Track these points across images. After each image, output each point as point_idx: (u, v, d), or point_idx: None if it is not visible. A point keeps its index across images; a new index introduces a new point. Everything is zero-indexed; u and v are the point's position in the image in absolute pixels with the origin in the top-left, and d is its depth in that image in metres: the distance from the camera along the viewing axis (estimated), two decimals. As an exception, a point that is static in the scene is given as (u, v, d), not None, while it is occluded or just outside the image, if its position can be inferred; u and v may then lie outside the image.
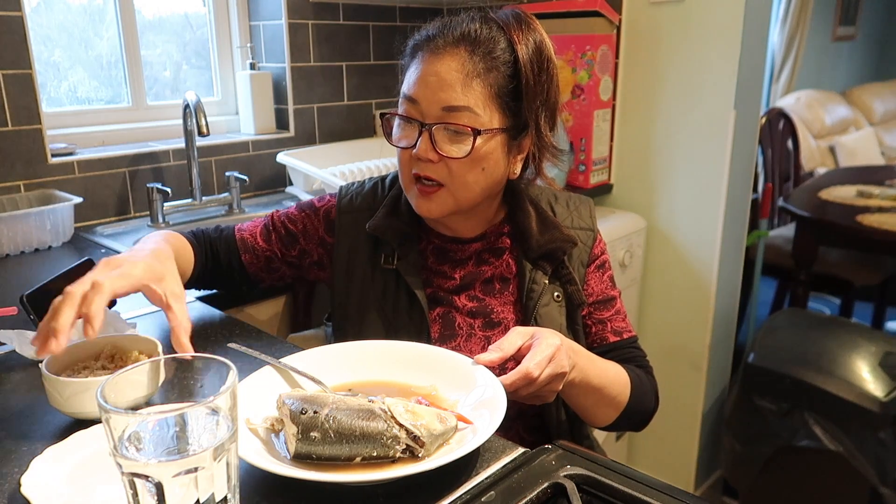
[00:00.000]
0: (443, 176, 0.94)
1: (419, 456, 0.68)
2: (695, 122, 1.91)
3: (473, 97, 0.91)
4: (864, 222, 2.30)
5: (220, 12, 1.99)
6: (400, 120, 0.97)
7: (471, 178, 0.94)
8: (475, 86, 0.91)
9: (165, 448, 0.51)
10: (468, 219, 1.03)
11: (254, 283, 1.11)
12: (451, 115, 0.91)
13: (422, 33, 0.97)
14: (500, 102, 0.93)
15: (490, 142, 0.94)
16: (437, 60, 0.92)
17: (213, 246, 1.07)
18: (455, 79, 0.91)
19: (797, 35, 4.30)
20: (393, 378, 0.84)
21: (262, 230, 1.09)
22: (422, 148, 0.93)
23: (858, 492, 1.76)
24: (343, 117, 2.12)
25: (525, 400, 0.88)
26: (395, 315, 1.01)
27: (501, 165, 0.97)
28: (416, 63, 0.95)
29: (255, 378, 0.79)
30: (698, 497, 0.73)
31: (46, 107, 1.67)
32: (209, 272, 1.07)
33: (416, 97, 0.93)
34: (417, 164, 0.95)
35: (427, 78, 0.92)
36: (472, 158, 0.93)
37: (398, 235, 1.02)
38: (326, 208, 1.09)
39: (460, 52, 0.92)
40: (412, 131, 0.95)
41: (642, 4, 1.92)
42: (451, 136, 0.92)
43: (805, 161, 3.94)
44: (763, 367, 1.91)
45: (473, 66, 0.91)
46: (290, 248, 1.08)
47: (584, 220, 1.09)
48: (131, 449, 0.49)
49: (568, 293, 1.04)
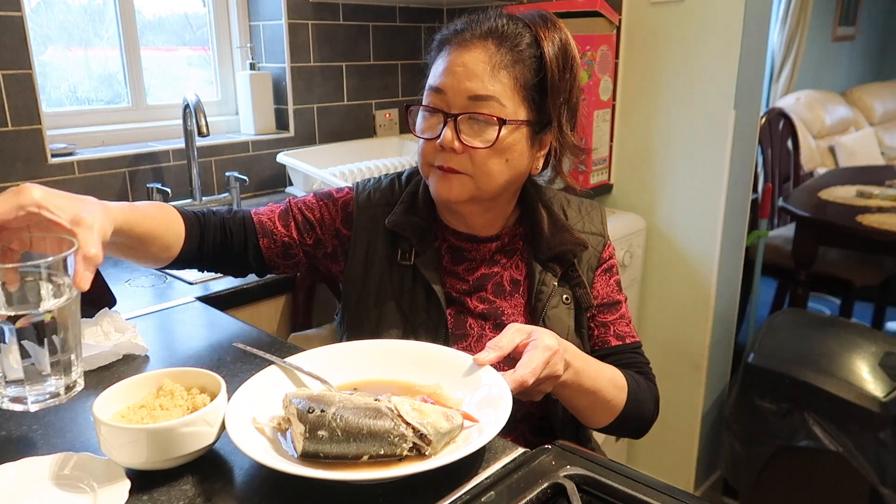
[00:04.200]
0: (466, 167, 0.94)
1: (426, 454, 0.68)
2: (695, 122, 1.91)
3: (500, 87, 0.92)
4: (864, 222, 2.31)
5: (220, 12, 1.99)
6: (424, 112, 0.97)
7: (495, 169, 0.95)
8: (502, 77, 0.92)
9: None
10: (486, 212, 1.03)
11: (265, 270, 1.07)
12: (477, 104, 0.92)
13: (449, 28, 0.98)
14: (525, 95, 0.94)
15: (514, 133, 0.94)
16: (465, 52, 0.93)
17: (224, 225, 1.02)
18: (482, 69, 0.92)
19: (797, 35, 4.30)
20: (398, 377, 0.84)
21: (281, 215, 1.06)
22: (447, 138, 0.93)
23: (858, 492, 1.76)
24: (343, 117, 2.12)
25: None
26: (413, 311, 1.01)
27: (525, 158, 0.98)
28: (443, 56, 0.96)
29: (260, 377, 0.79)
30: (698, 497, 0.73)
31: (46, 107, 1.67)
32: (216, 252, 1.01)
33: (442, 87, 0.94)
34: (441, 155, 0.95)
35: (454, 68, 0.93)
36: (496, 149, 0.93)
37: (417, 231, 1.02)
38: (345, 200, 1.08)
39: (488, 45, 0.93)
40: (436, 122, 0.95)
41: (642, 4, 1.92)
42: (476, 126, 0.93)
43: (805, 161, 3.94)
44: (763, 367, 1.91)
45: (500, 58, 0.92)
46: (307, 236, 1.06)
47: (595, 226, 1.09)
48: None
49: (577, 296, 1.04)
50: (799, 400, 1.83)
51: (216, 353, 0.97)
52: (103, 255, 0.72)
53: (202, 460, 0.71)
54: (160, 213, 0.94)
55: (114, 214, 0.80)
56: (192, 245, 0.98)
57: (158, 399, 0.73)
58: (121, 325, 0.98)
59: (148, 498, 0.65)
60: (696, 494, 1.99)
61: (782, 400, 1.86)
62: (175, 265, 0.98)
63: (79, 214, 0.72)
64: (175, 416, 0.70)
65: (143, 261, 0.96)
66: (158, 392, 0.74)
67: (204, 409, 0.69)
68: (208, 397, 0.73)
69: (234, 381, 0.79)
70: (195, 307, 1.15)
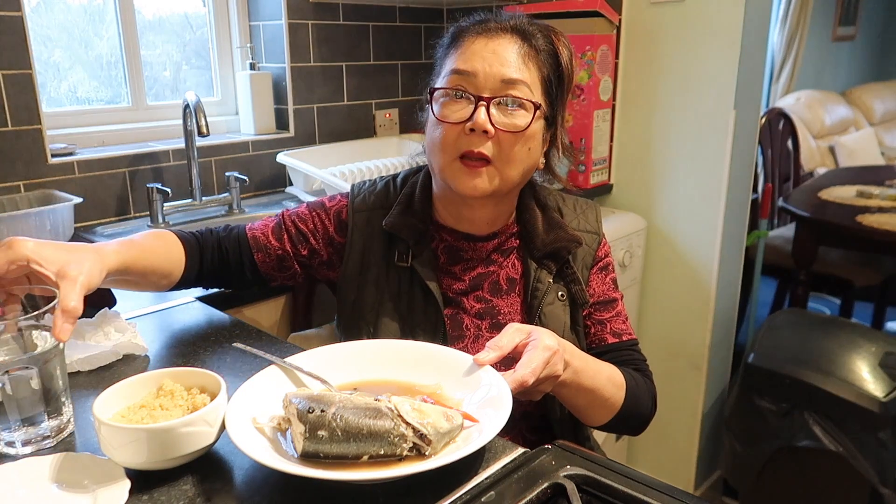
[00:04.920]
0: (493, 151, 0.94)
1: (426, 454, 0.68)
2: (695, 122, 1.91)
3: (529, 75, 0.95)
4: (864, 222, 2.31)
5: (220, 12, 1.99)
6: (447, 98, 0.95)
7: (518, 156, 0.95)
8: (531, 66, 0.95)
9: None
10: (497, 205, 1.03)
11: (264, 283, 1.10)
12: (511, 87, 0.93)
13: (468, 20, 0.99)
14: (545, 88, 0.97)
15: (537, 122, 0.96)
16: (493, 39, 0.95)
17: (220, 244, 1.05)
18: (513, 56, 0.94)
19: (797, 35, 4.30)
20: (397, 377, 0.84)
21: (274, 228, 1.08)
22: (480, 120, 0.92)
23: (858, 492, 1.76)
24: (343, 117, 2.12)
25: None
26: (411, 312, 1.01)
27: (539, 151, 1.00)
28: (464, 44, 0.96)
29: (260, 378, 0.79)
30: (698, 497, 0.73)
31: (46, 107, 1.67)
32: (215, 270, 1.05)
33: (472, 70, 0.93)
34: (468, 140, 0.93)
35: (483, 53, 0.94)
36: (525, 135, 0.94)
37: (414, 233, 1.02)
38: (337, 209, 1.08)
39: (515, 37, 0.96)
40: (464, 106, 0.94)
41: (642, 4, 1.92)
42: (506, 110, 0.94)
43: (805, 161, 3.94)
44: (763, 367, 1.91)
45: (528, 50, 0.95)
46: (301, 247, 1.07)
47: (591, 224, 1.09)
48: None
49: (572, 293, 1.04)
50: (799, 400, 1.83)
51: (216, 353, 0.97)
52: (83, 307, 0.74)
53: (202, 460, 0.71)
54: (159, 245, 0.98)
55: (108, 260, 0.84)
56: (193, 268, 1.02)
57: (158, 399, 0.73)
58: (121, 325, 0.98)
59: (148, 498, 0.65)
60: (696, 494, 1.99)
61: (782, 400, 1.86)
62: (176, 288, 1.03)
63: (65, 267, 0.76)
64: (175, 415, 0.70)
65: (144, 290, 1.02)
66: (158, 392, 0.74)
67: (204, 409, 0.68)
68: (208, 397, 0.73)
69: (234, 381, 0.79)
70: (195, 307, 1.15)
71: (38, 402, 0.73)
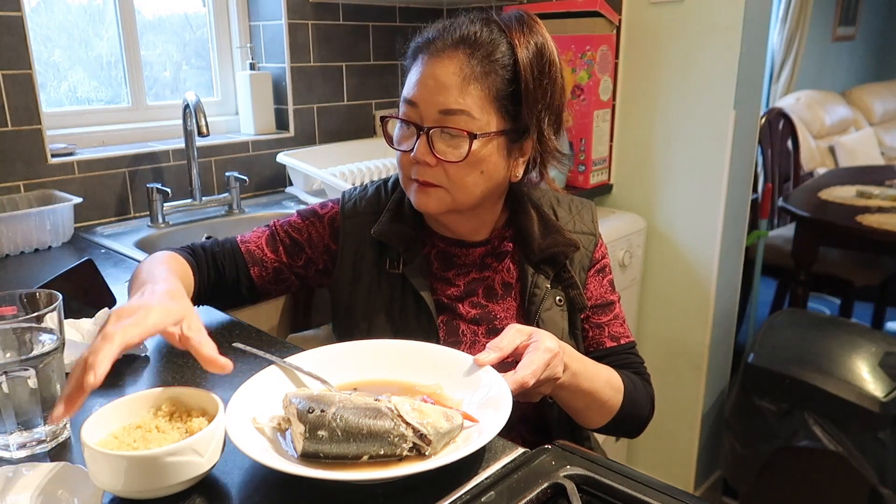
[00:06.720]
0: (441, 179, 0.94)
1: (426, 454, 0.68)
2: (694, 122, 1.91)
3: (470, 100, 0.91)
4: (863, 222, 2.30)
5: (219, 12, 1.99)
6: (400, 123, 0.97)
7: (469, 181, 0.94)
8: (472, 89, 0.91)
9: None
10: (469, 220, 1.03)
11: (258, 299, 1.08)
12: (448, 118, 0.91)
13: (423, 35, 0.97)
14: (498, 106, 0.93)
15: (488, 145, 0.93)
16: (436, 63, 0.92)
17: (215, 260, 1.03)
18: (452, 82, 0.91)
19: (797, 35, 4.30)
20: (397, 377, 0.84)
21: (268, 240, 1.06)
22: (419, 151, 0.93)
23: (858, 492, 1.76)
24: (343, 117, 2.12)
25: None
26: (403, 319, 1.01)
27: (501, 168, 0.97)
28: (416, 66, 0.95)
29: (260, 377, 0.79)
30: (698, 497, 0.73)
31: (46, 107, 1.67)
32: (211, 288, 1.03)
33: (414, 100, 0.93)
34: (416, 168, 0.95)
35: (425, 81, 0.92)
36: (469, 162, 0.92)
37: (403, 240, 1.02)
38: (331, 216, 1.08)
39: (459, 55, 0.91)
40: (411, 134, 0.95)
41: (642, 4, 1.92)
42: (448, 139, 0.92)
43: (805, 161, 3.94)
44: (763, 367, 1.91)
45: (471, 70, 0.91)
46: (297, 258, 1.06)
47: (587, 225, 1.08)
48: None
49: (570, 297, 1.03)
50: (799, 400, 1.83)
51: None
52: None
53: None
54: (179, 268, 0.96)
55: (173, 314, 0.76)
56: (198, 287, 1.00)
57: (156, 420, 0.69)
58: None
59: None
60: (696, 494, 1.99)
61: (782, 400, 1.86)
62: None
63: (193, 325, 0.75)
64: (170, 440, 0.66)
65: None
66: (157, 412, 0.70)
67: (192, 438, 0.63)
68: (206, 422, 0.68)
69: (235, 381, 0.79)
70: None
71: (35, 405, 0.73)
